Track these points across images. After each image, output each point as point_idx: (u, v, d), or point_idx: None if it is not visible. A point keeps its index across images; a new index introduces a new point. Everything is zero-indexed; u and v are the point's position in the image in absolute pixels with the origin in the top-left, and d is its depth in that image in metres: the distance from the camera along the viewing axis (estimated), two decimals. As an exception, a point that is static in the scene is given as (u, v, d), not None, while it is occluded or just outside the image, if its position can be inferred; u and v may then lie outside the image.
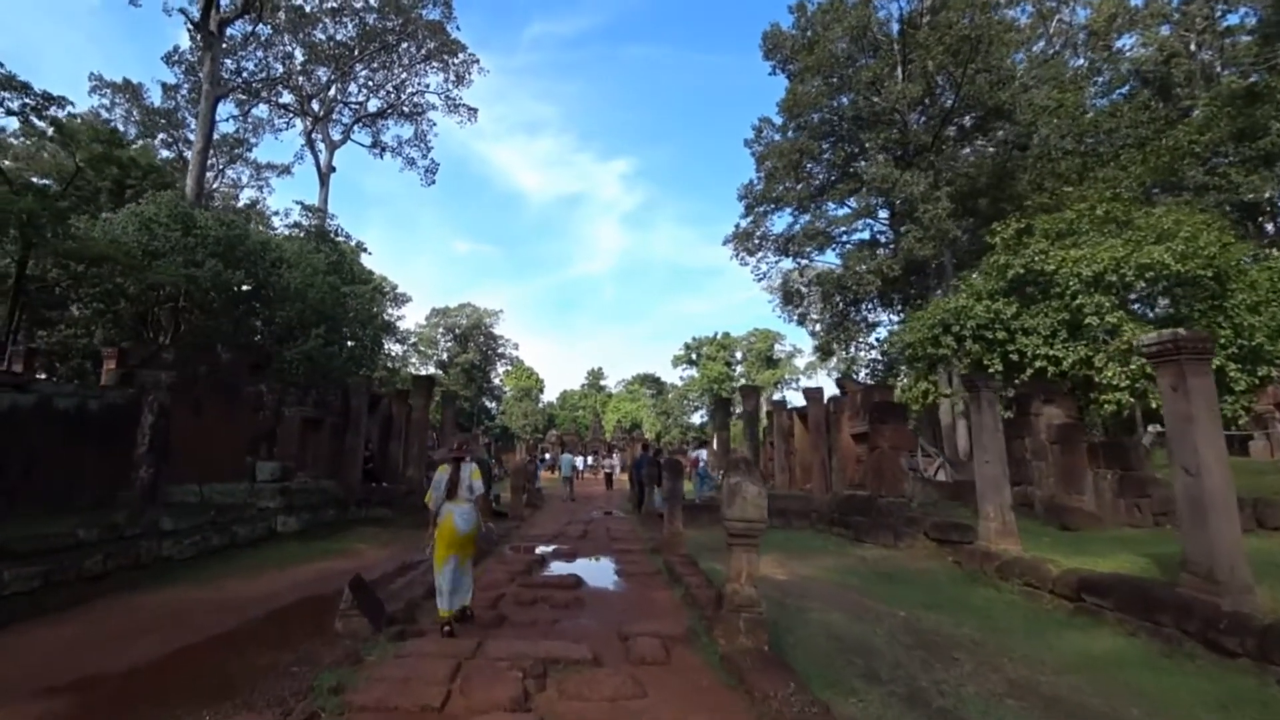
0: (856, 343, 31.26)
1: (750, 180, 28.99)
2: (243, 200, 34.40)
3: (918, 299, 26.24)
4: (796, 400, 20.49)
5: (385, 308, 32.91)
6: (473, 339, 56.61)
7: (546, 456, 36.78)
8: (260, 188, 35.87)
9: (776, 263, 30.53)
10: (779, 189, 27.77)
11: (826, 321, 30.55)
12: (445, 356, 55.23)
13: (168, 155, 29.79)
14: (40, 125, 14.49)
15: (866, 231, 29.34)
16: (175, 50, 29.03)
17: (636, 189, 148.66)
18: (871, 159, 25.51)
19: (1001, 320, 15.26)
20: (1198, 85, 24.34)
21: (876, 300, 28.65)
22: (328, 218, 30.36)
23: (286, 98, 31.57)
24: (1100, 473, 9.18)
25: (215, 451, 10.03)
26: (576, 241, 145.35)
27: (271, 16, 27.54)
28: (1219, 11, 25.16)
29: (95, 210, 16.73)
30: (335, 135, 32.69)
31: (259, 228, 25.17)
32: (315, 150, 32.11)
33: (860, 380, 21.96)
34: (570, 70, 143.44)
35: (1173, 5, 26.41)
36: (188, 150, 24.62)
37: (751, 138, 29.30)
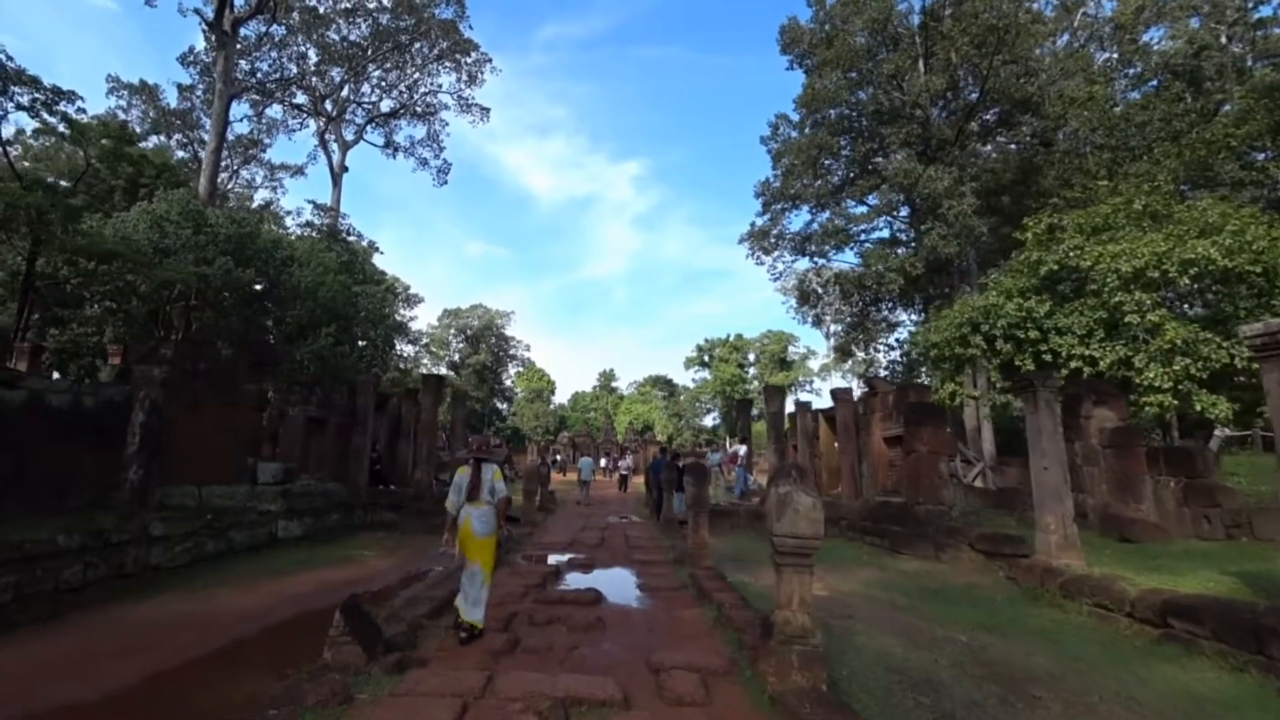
0: (876, 344, 30.50)
1: (767, 178, 28.35)
2: (257, 201, 34.44)
3: (938, 299, 25.47)
4: (811, 402, 19.91)
5: (397, 308, 32.69)
6: (484, 340, 56.48)
7: (558, 457, 36.31)
8: (274, 188, 35.90)
9: (793, 262, 29.85)
10: (796, 186, 27.08)
11: (846, 321, 29.80)
12: (457, 358, 55.14)
13: (183, 156, 29.80)
14: (51, 121, 14.39)
15: (886, 230, 28.58)
16: (190, 51, 29.02)
17: (648, 191, 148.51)
18: (892, 155, 24.79)
19: (1034, 319, 14.68)
20: (1229, 79, 23.34)
21: (897, 300, 27.86)
22: (340, 217, 30.26)
23: (300, 98, 31.52)
24: (1161, 480, 8.44)
25: (215, 452, 9.61)
26: (588, 243, 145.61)
27: (285, 17, 27.45)
28: (1250, 3, 24.13)
29: (109, 209, 16.62)
30: (348, 135, 32.63)
31: (272, 228, 24.99)
32: (328, 150, 32.07)
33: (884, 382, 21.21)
34: (582, 72, 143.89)
35: (1203, -4, 25.44)
36: (203, 151, 24.52)
37: (768, 135, 28.65)
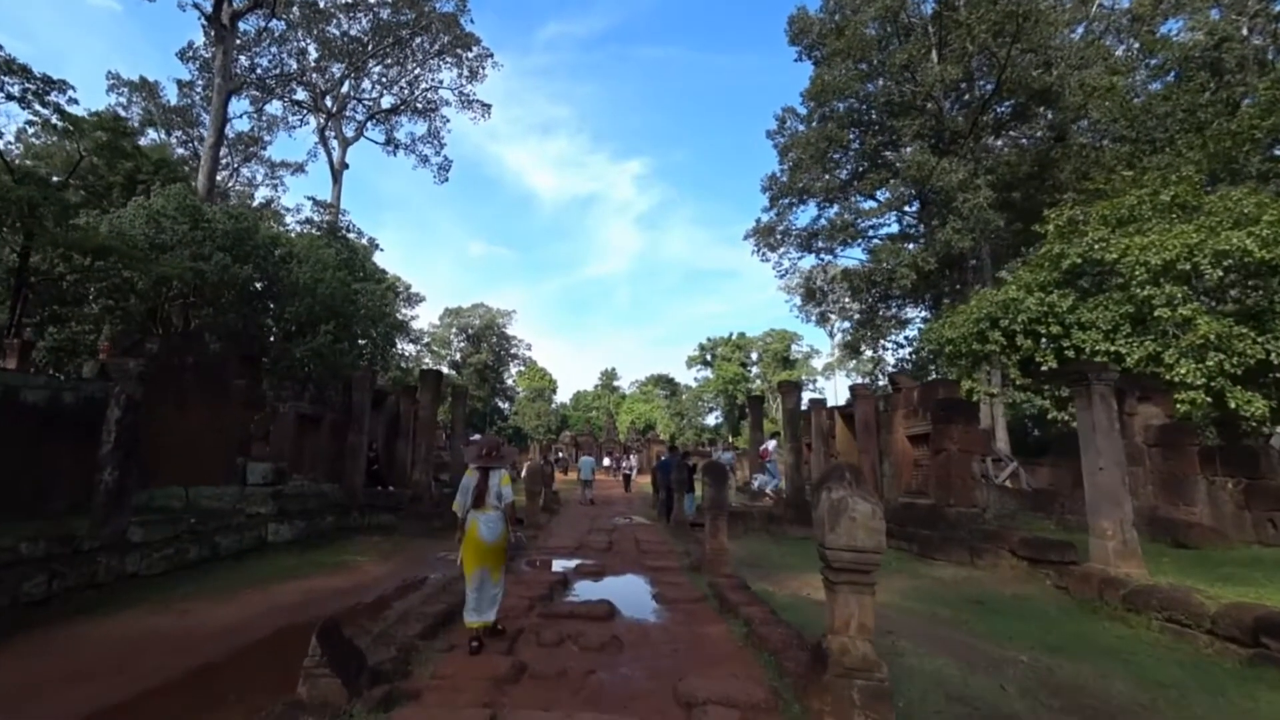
0: (885, 341, 29.86)
1: (773, 172, 27.77)
2: (258, 199, 34.06)
3: (950, 294, 24.88)
4: (825, 399, 19.36)
5: (398, 306, 32.24)
6: (486, 339, 56.11)
7: (560, 455, 35.77)
8: (275, 186, 35.50)
9: (799, 259, 29.27)
10: (804, 180, 26.46)
11: (854, 318, 29.20)
12: (458, 357, 54.79)
13: (183, 153, 29.39)
14: (44, 113, 14.01)
15: (896, 225, 27.96)
16: (190, 46, 28.48)
17: (650, 190, 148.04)
18: (904, 148, 24.18)
19: (1055, 314, 14.19)
20: (1250, 71, 22.74)
21: (907, 296, 27.24)
22: (340, 214, 29.80)
23: (300, 94, 31.09)
24: (1218, 481, 7.84)
25: (203, 451, 9.10)
26: (590, 243, 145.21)
27: (285, 11, 26.98)
28: (1272, -6, 23.49)
29: (108, 205, 16.25)
30: (348, 132, 32.21)
31: (271, 225, 24.56)
32: (328, 147, 31.65)
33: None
34: (584, 71, 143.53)
35: (1223, -13, 24.77)
36: (203, 147, 24.12)
37: (774, 129, 28.08)
